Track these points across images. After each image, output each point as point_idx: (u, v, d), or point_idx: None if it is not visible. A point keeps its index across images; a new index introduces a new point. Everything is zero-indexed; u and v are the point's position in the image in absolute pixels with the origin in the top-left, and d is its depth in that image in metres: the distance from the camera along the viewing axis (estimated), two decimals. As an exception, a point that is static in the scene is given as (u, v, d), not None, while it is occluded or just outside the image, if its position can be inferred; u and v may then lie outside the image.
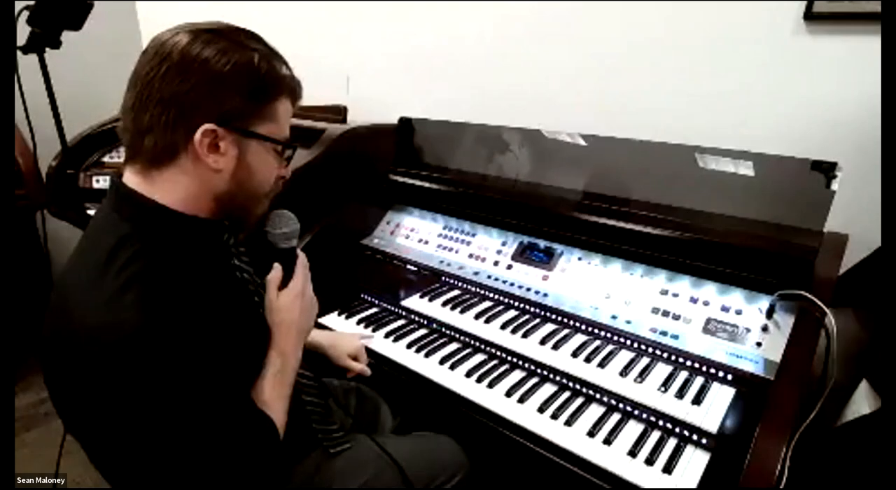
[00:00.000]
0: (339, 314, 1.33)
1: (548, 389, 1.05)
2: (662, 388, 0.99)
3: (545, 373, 1.09)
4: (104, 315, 0.66)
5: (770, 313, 1.04)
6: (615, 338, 1.14)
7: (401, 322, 1.29)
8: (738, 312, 1.07)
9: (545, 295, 1.27)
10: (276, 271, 0.86)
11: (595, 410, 1.00)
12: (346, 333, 1.25)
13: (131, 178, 0.75)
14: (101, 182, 1.98)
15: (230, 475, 0.70)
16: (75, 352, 0.67)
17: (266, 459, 0.74)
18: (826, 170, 1.04)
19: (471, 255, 1.43)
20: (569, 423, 0.96)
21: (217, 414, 0.69)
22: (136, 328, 0.64)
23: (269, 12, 2.17)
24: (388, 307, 1.34)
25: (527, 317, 1.24)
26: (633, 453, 0.89)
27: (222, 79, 0.71)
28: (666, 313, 1.13)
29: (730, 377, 1.00)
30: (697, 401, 0.96)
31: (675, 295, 1.14)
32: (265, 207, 0.85)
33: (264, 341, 0.82)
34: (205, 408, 0.67)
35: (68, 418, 0.75)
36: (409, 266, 1.48)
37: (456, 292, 1.36)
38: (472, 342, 1.19)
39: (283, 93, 0.77)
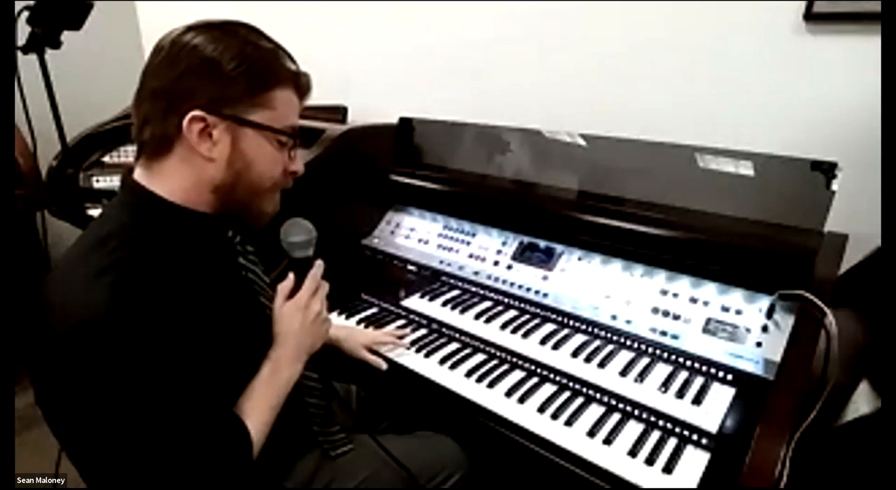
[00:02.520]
0: (339, 314, 1.32)
1: (548, 389, 1.05)
2: (662, 388, 0.99)
3: (545, 373, 1.09)
4: (77, 295, 0.66)
5: (770, 313, 1.04)
6: (615, 338, 1.14)
7: (401, 322, 1.28)
8: (738, 312, 1.07)
9: (545, 295, 1.27)
10: (288, 281, 0.86)
11: (595, 410, 1.00)
12: (359, 328, 1.25)
13: (137, 172, 0.76)
14: (101, 182, 1.98)
15: (186, 473, 0.67)
16: (47, 330, 0.66)
17: (231, 463, 0.72)
18: (826, 170, 1.04)
19: (471, 255, 1.43)
20: (569, 423, 0.96)
21: (179, 408, 0.67)
22: (104, 311, 0.63)
23: (270, 12, 2.17)
24: (388, 307, 1.34)
25: (527, 317, 1.24)
26: (633, 453, 0.89)
27: (211, 64, 0.70)
28: (666, 313, 1.13)
29: (730, 377, 1.00)
30: (697, 401, 0.96)
31: (675, 295, 1.14)
32: (274, 205, 0.82)
33: (265, 345, 0.81)
34: (165, 401, 0.65)
35: (43, 404, 0.71)
36: (409, 266, 1.48)
37: (456, 292, 1.36)
38: (472, 342, 1.19)
39: (281, 82, 0.75)
